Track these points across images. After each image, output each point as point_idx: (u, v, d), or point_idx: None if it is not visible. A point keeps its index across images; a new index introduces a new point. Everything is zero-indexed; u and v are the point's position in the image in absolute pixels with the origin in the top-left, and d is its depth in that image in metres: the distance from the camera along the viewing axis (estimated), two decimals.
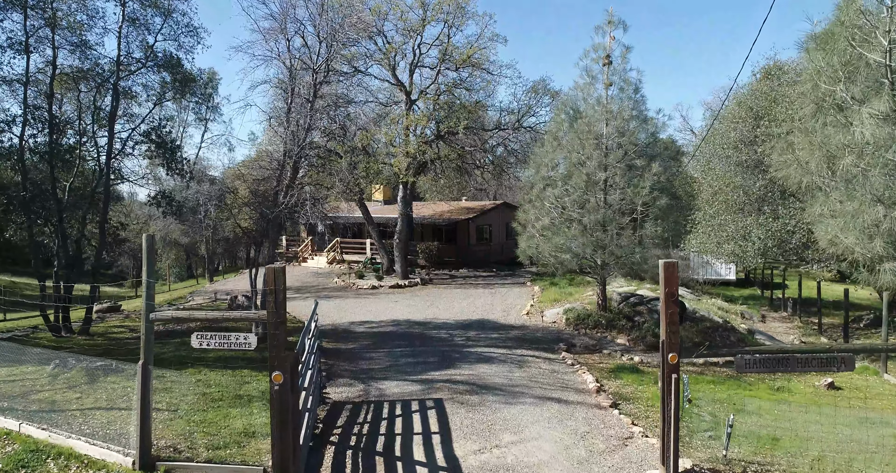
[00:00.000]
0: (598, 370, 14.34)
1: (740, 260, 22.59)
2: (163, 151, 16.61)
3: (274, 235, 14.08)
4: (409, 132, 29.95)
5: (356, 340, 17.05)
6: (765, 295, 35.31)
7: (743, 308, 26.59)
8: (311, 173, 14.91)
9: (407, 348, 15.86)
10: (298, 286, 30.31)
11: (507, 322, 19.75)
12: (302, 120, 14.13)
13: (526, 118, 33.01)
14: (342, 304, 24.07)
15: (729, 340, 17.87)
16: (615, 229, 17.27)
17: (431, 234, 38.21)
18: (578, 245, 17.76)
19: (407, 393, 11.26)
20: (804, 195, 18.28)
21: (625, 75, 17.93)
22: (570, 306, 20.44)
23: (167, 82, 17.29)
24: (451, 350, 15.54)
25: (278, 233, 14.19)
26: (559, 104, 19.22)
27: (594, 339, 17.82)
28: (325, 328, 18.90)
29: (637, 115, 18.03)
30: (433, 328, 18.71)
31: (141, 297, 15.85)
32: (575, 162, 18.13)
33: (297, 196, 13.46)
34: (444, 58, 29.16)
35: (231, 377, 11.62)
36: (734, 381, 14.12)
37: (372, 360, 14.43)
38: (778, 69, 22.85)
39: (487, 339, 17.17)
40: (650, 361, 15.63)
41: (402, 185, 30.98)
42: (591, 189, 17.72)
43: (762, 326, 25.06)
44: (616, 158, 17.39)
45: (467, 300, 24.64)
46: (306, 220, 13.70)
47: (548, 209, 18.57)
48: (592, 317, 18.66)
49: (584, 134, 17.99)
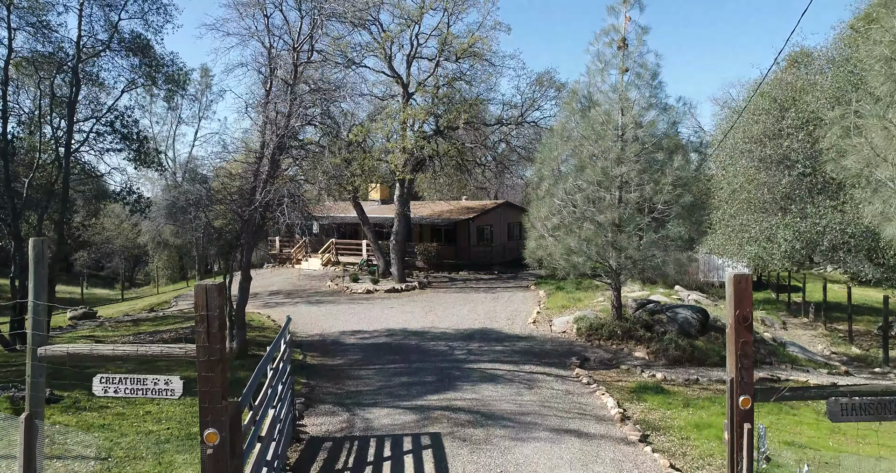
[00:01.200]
0: (617, 391, 12.61)
1: (765, 264, 20.85)
2: (129, 143, 14.90)
3: (249, 236, 12.32)
4: (407, 127, 28.21)
5: (345, 354, 15.30)
6: (780, 299, 33.64)
7: (762, 314, 24.87)
8: (293, 167, 13.13)
9: (401, 364, 14.11)
10: (289, 290, 28.60)
11: (512, 332, 18.00)
12: (282, 106, 12.42)
13: (530, 113, 31.34)
14: (334, 310, 22.33)
15: (759, 353, 16.12)
16: (633, 230, 15.54)
17: (430, 235, 36.47)
18: (591, 247, 16.03)
19: (399, 425, 9.51)
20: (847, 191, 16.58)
21: (642, 59, 16.21)
22: (581, 313, 18.70)
23: (136, 67, 15.55)
24: (450, 367, 13.80)
25: (256, 234, 12.41)
26: (570, 92, 17.51)
27: (609, 352, 16.08)
28: (313, 340, 17.16)
29: (655, 103, 16.30)
30: (431, 340, 16.96)
31: (128, 301, 13.62)
32: (588, 155, 16.40)
33: (273, 193, 11.72)
34: (443, 48, 27.41)
35: (189, 409, 9.88)
36: (774, 403, 12.36)
37: (361, 380, 12.68)
38: (805, 56, 21.12)
39: (491, 352, 15.42)
40: (675, 378, 13.90)
41: (399, 183, 29.24)
42: (607, 185, 15.99)
43: (784, 334, 23.31)
44: (634, 151, 15.66)
45: (468, 305, 22.89)
46: (283, 220, 11.88)
47: (558, 207, 16.84)
48: (607, 327, 16.91)
49: (598, 125, 16.27)
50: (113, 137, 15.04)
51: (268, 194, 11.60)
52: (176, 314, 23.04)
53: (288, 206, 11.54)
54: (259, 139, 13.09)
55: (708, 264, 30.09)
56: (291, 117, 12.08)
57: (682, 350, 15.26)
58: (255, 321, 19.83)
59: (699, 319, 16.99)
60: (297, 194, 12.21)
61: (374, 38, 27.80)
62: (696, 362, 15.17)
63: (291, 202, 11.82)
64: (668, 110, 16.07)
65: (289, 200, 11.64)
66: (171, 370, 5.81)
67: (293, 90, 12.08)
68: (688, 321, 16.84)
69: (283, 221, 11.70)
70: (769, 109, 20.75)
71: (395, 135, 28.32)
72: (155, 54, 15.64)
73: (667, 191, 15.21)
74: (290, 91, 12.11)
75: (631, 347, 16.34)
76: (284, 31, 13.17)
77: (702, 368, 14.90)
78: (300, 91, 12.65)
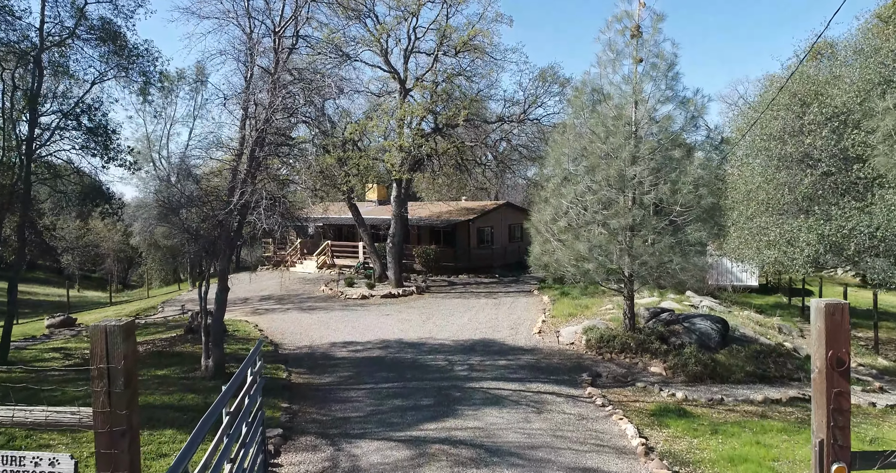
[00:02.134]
0: (636, 414, 11.32)
1: (786, 269, 19.57)
2: (95, 138, 13.60)
3: (226, 242, 11.01)
4: (404, 125, 26.92)
5: (335, 370, 13.98)
6: (792, 303, 32.41)
7: (778, 321, 23.57)
8: (275, 165, 11.82)
9: (396, 382, 12.80)
10: (282, 295, 27.31)
11: (516, 344, 16.70)
12: (263, 97, 11.12)
13: (532, 110, 29.99)
14: (326, 318, 21.04)
15: (786, 368, 14.84)
16: (650, 234, 14.24)
17: (429, 236, 35.17)
18: (603, 253, 14.74)
19: (390, 465, 8.20)
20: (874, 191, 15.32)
21: (657, 48, 14.92)
22: (590, 323, 17.40)
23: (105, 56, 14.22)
24: (450, 386, 12.50)
25: (233, 240, 11.11)
26: (579, 85, 16.23)
27: (622, 367, 14.78)
28: (300, 353, 15.86)
29: (672, 96, 15.02)
30: (429, 353, 15.67)
31: (117, 304, 12.17)
32: (599, 154, 15.10)
33: (251, 194, 10.41)
34: (442, 41, 26.11)
35: (143, 446, 8.53)
36: (809, 427, 11.07)
37: (350, 403, 11.37)
38: (829, 47, 19.81)
39: (494, 368, 14.12)
40: (697, 398, 12.61)
41: (396, 183, 27.93)
42: (620, 186, 14.71)
43: (803, 342, 22.02)
44: (650, 149, 14.37)
45: (469, 313, 21.60)
46: (260, 226, 10.57)
47: (565, 209, 15.55)
48: (619, 338, 15.61)
49: (610, 120, 14.98)
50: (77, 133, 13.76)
51: (244, 195, 10.30)
52: (159, 322, 21.74)
53: (266, 208, 10.24)
54: (238, 134, 11.80)
55: (718, 267, 28.83)
56: (273, 109, 10.80)
57: (702, 366, 13.96)
58: (240, 330, 18.53)
59: (719, 330, 15.70)
60: (277, 196, 10.92)
61: (370, 31, 26.51)
62: (718, 378, 13.87)
63: (271, 204, 10.54)
64: (687, 104, 14.78)
65: (267, 201, 10.34)
66: None
67: (274, 79, 10.80)
68: (707, 332, 15.55)
69: (261, 226, 10.43)
70: (789, 105, 19.44)
71: (392, 133, 27.04)
72: (127, 43, 14.36)
73: (686, 192, 13.92)
74: (271, 80, 10.82)
75: (646, 361, 15.04)
76: (266, 15, 11.87)
77: (725, 386, 13.61)
78: (283, 81, 11.36)
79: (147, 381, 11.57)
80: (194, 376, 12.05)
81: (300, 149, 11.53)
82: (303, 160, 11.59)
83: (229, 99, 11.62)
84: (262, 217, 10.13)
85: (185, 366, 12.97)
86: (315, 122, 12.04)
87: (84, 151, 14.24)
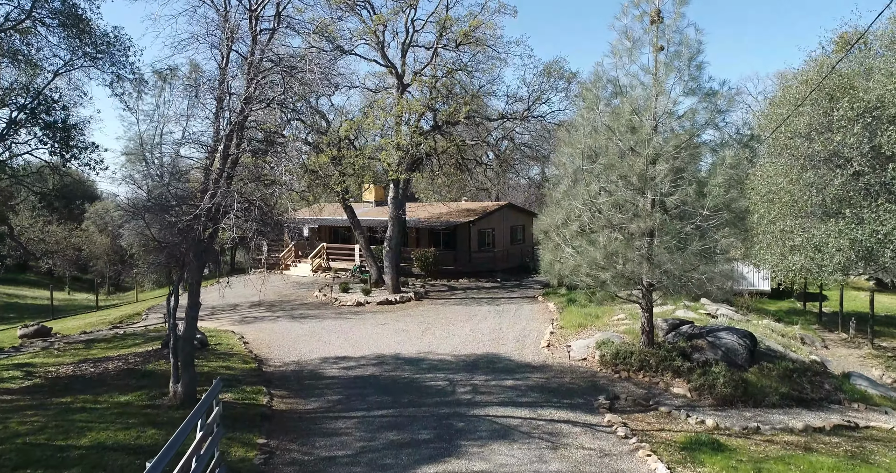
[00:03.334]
0: (664, 448, 9.91)
1: (814, 277, 18.16)
2: (52, 133, 12.17)
3: (193, 250, 9.57)
4: (401, 122, 25.50)
5: (322, 393, 12.54)
6: (806, 308, 31.07)
7: (799, 330, 22.15)
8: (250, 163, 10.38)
9: (390, 408, 11.37)
10: (272, 302, 25.87)
11: (523, 360, 15.27)
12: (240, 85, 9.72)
13: (536, 107, 28.57)
14: (317, 328, 19.60)
15: (823, 388, 13.42)
16: (673, 240, 12.82)
17: (428, 239, 33.74)
18: (620, 260, 13.33)
19: None
20: None
21: (681, 35, 13.49)
22: (603, 336, 15.98)
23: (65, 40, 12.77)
24: (451, 413, 11.07)
25: (205, 249, 9.66)
26: (592, 77, 14.80)
27: (642, 387, 13.37)
28: (286, 371, 14.42)
29: (697, 88, 13.59)
30: (428, 370, 14.23)
31: (104, 309, 10.68)
32: (615, 152, 13.68)
33: (221, 196, 8.98)
34: (441, 33, 24.67)
35: None
36: (864, 464, 9.65)
37: (337, 436, 9.93)
38: (858, 36, 18.39)
39: (501, 390, 12.69)
40: (729, 426, 11.20)
41: (394, 183, 26.48)
42: (639, 187, 13.29)
43: (827, 354, 20.63)
44: (675, 146, 12.95)
45: (470, 322, 20.17)
46: (230, 234, 9.13)
47: (578, 212, 14.14)
48: (636, 355, 14.19)
49: (627, 114, 13.57)
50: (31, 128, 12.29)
51: (213, 197, 8.88)
52: (138, 332, 20.28)
53: (240, 213, 8.83)
54: (212, 129, 10.37)
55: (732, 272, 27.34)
56: (249, 99, 9.40)
57: (732, 387, 12.54)
58: (223, 343, 17.08)
59: (746, 345, 14.29)
60: (252, 199, 9.50)
61: (366, 23, 25.07)
62: (750, 402, 12.45)
63: (246, 208, 9.13)
64: (713, 96, 13.34)
65: (241, 204, 8.92)
66: None
67: (249, 62, 9.39)
68: (733, 348, 14.14)
69: (230, 234, 8.99)
70: (816, 99, 18.02)
71: (389, 131, 25.63)
72: (92, 27, 12.91)
73: (715, 194, 12.50)
74: (246, 66, 9.41)
75: (667, 380, 13.62)
76: None
77: (759, 410, 12.20)
78: (261, 67, 9.94)
79: (105, 411, 10.14)
80: (161, 403, 10.62)
81: (281, 145, 10.10)
82: (285, 158, 10.13)
83: (201, 87, 10.17)
84: (231, 223, 8.72)
85: (153, 390, 11.53)
86: (295, 112, 10.59)
87: (43, 148, 12.81)
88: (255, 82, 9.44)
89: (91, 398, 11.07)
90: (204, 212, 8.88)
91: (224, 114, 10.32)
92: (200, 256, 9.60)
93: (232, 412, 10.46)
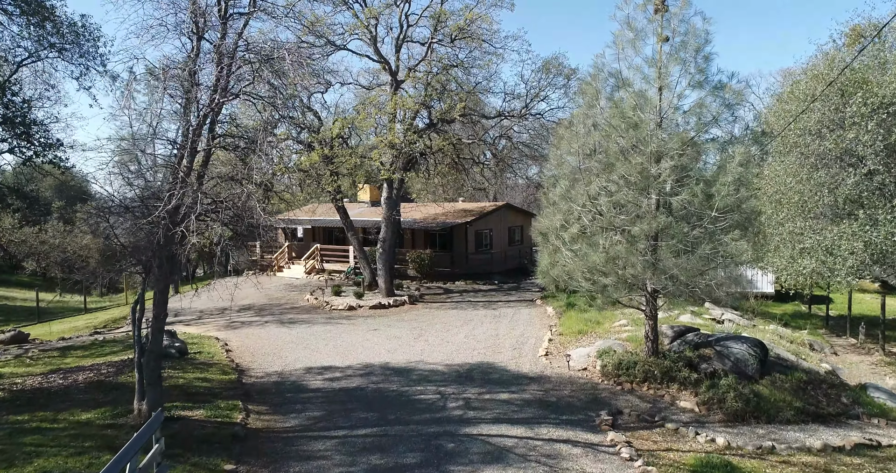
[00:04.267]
0: (672, 470, 9.10)
1: (826, 281, 17.34)
2: (10, 127, 11.31)
3: (156, 257, 8.70)
4: (395, 119, 24.63)
5: (304, 407, 11.68)
6: (811, 312, 30.25)
7: (807, 336, 21.30)
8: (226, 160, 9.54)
9: (375, 427, 10.51)
10: (262, 305, 25.02)
11: (519, 370, 14.41)
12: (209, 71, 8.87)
13: (535, 104, 27.69)
14: (306, 335, 18.74)
15: (839, 402, 12.57)
16: (680, 243, 11.97)
17: (423, 240, 32.87)
18: (622, 265, 12.48)
19: None
20: None
21: (687, 25, 12.64)
22: (604, 344, 15.13)
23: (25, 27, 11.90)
24: (441, 433, 10.21)
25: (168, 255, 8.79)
26: (591, 70, 13.94)
27: (646, 400, 12.51)
28: (268, 382, 13.56)
29: (704, 80, 12.73)
30: (418, 382, 13.37)
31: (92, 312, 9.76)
32: (617, 149, 12.83)
33: (182, 198, 8.12)
34: (436, 26, 23.81)
35: None
36: None
37: (315, 460, 9.08)
38: (874, 29, 17.56)
39: (495, 404, 11.84)
40: (741, 444, 10.34)
41: (387, 183, 25.62)
42: (642, 186, 12.44)
43: (837, 361, 19.79)
44: (680, 142, 12.11)
45: (465, 327, 19.32)
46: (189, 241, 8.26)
47: (577, 214, 13.29)
48: (640, 365, 13.33)
49: (630, 110, 12.73)
50: None
51: (172, 198, 8.00)
52: (119, 339, 19.40)
53: (204, 215, 7.96)
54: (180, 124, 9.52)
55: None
56: (217, 89, 8.55)
57: (743, 401, 11.68)
58: (204, 351, 16.21)
59: (756, 355, 13.43)
60: (218, 199, 8.63)
61: (358, 16, 24.19)
62: (763, 417, 11.59)
63: (212, 210, 8.27)
64: (722, 89, 12.47)
65: (205, 206, 8.05)
66: None
67: (218, 48, 8.54)
68: (743, 358, 13.29)
69: (189, 242, 8.08)
70: (827, 95, 17.20)
71: (384, 129, 24.77)
72: (55, 14, 12.05)
73: (724, 194, 11.65)
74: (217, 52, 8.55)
75: (673, 393, 12.77)
76: None
77: (772, 427, 11.34)
78: (234, 55, 9.08)
79: (61, 433, 9.28)
80: (124, 423, 9.75)
81: (254, 141, 9.23)
82: (261, 155, 9.27)
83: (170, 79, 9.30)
84: (193, 227, 7.85)
85: (118, 406, 10.67)
86: (273, 107, 9.69)
87: None
88: (226, 70, 8.59)
89: (50, 415, 10.21)
90: (164, 214, 8.02)
91: (193, 107, 9.46)
92: (165, 262, 8.74)
93: (202, 433, 9.62)
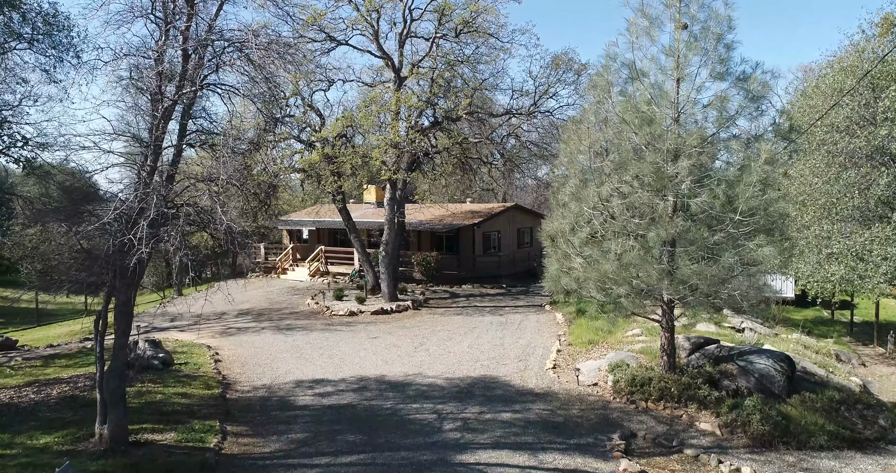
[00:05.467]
0: None
1: (857, 289, 16.16)
2: None
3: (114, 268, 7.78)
4: (399, 118, 23.69)
5: (288, 429, 10.73)
6: (834, 318, 28.95)
7: (833, 346, 20.06)
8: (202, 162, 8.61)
9: (362, 453, 9.53)
10: (261, 310, 24.16)
11: (524, 385, 13.38)
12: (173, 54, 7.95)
13: (544, 101, 26.60)
14: (301, 343, 17.82)
15: (877, 424, 11.42)
16: (699, 250, 10.90)
17: (429, 242, 31.90)
18: (635, 273, 11.42)
19: None
20: None
21: (708, 10, 11.56)
22: (617, 357, 14.06)
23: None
24: (434, 460, 9.22)
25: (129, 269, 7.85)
26: (604, 60, 12.87)
27: (663, 421, 11.44)
28: (253, 397, 12.63)
29: (726, 72, 11.65)
30: (414, 399, 12.38)
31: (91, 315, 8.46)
32: (630, 147, 11.78)
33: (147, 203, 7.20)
34: (441, 20, 22.83)
35: None
36: None
37: None
38: None
39: (496, 426, 10.82)
40: None
41: (391, 184, 24.67)
42: (658, 187, 11.37)
43: (865, 372, 18.56)
44: (699, 138, 11.03)
45: (469, 336, 18.32)
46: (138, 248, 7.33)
47: (588, 217, 12.24)
48: (656, 381, 12.25)
49: (645, 104, 11.67)
50: None
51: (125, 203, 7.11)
52: (107, 346, 18.56)
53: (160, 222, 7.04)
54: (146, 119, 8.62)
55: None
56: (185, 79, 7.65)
57: (771, 424, 10.58)
58: (191, 361, 15.32)
59: (783, 371, 12.31)
60: (179, 203, 7.71)
61: (359, 9, 23.26)
62: (793, 442, 10.48)
63: (172, 215, 7.36)
64: (746, 81, 11.37)
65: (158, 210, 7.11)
66: None
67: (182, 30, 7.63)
68: (769, 374, 12.18)
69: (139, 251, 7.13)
70: (857, 89, 16.02)
71: (387, 128, 23.82)
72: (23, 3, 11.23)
73: (748, 195, 10.56)
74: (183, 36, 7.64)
75: (692, 413, 11.69)
76: None
77: (803, 453, 10.23)
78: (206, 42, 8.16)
79: (11, 460, 8.39)
80: (83, 449, 8.87)
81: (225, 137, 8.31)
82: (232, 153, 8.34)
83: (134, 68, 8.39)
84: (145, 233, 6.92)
85: (83, 427, 9.80)
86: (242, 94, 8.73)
87: None
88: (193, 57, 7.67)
89: (7, 438, 9.35)
90: (112, 219, 7.11)
91: (161, 100, 8.54)
92: (119, 273, 7.82)
93: (167, 461, 8.69)
